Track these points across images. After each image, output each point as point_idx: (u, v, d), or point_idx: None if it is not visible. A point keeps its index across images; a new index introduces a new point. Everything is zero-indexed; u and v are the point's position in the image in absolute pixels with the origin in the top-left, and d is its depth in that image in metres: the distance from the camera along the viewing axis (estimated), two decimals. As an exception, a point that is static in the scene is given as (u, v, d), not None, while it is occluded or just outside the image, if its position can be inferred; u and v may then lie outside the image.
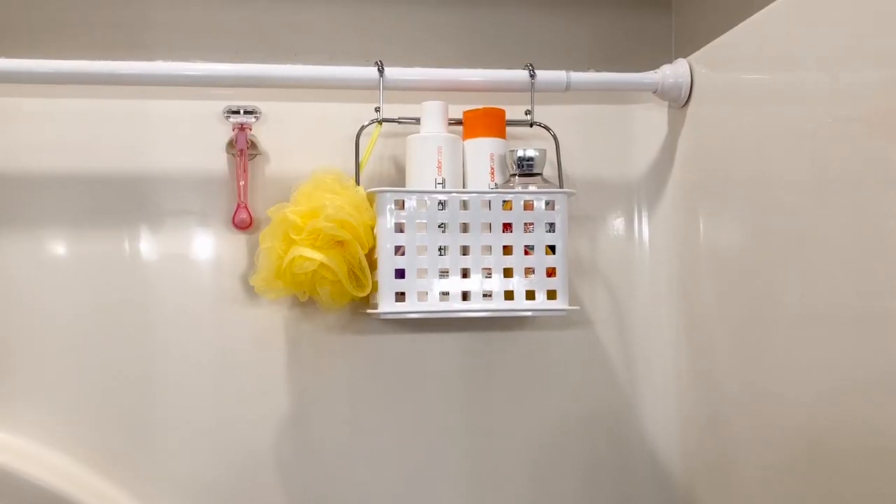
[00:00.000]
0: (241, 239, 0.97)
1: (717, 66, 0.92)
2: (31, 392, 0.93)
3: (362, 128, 0.94)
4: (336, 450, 0.98)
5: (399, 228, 0.88)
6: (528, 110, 0.96)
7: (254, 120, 0.97)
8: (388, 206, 0.88)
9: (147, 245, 0.96)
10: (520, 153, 0.91)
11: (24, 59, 0.88)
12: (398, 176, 1.00)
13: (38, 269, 0.94)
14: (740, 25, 0.87)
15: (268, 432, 0.97)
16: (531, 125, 0.96)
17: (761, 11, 0.83)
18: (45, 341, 0.94)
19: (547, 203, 0.89)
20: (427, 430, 1.00)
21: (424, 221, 0.88)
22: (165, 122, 0.97)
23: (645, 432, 1.04)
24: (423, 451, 1.00)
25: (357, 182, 0.92)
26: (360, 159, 0.94)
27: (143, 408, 0.95)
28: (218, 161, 0.97)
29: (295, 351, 0.98)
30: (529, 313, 0.94)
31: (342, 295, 0.90)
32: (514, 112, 0.96)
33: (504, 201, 0.89)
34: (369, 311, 0.91)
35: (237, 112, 0.96)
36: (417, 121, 0.95)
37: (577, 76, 0.96)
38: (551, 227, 0.90)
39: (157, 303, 0.96)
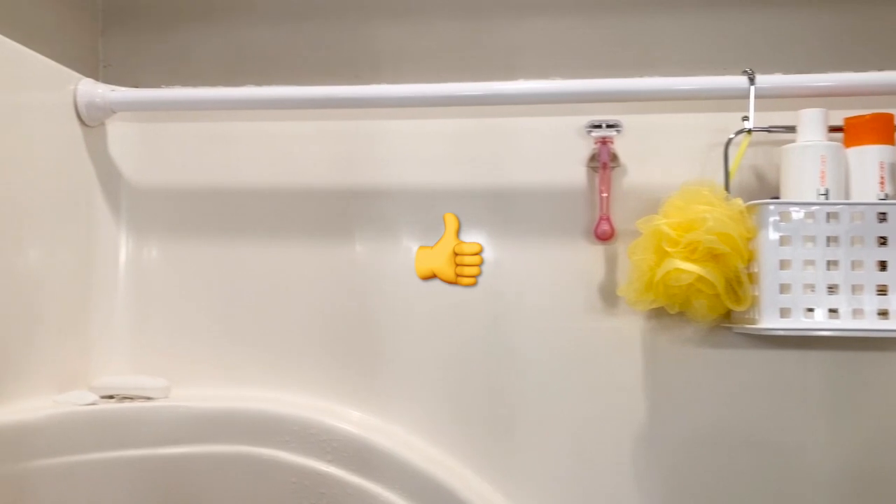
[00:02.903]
0: (598, 250, 0.99)
1: None
2: (411, 393, 1.01)
3: (730, 138, 0.93)
4: (691, 463, 0.97)
5: (783, 242, 0.85)
6: (914, 114, 0.89)
7: (615, 133, 0.98)
8: (773, 219, 0.85)
9: (510, 254, 1.01)
10: (918, 161, 0.85)
11: (411, 85, 0.96)
12: (759, 186, 0.97)
13: (411, 282, 1.02)
14: None
15: (621, 438, 0.98)
16: (918, 130, 0.89)
17: None
18: (414, 345, 1.01)
19: (955, 215, 0.83)
20: (785, 449, 0.96)
21: (812, 234, 0.85)
22: (528, 138, 1.01)
23: None
24: (779, 471, 0.96)
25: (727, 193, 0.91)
26: (728, 169, 0.92)
27: (505, 408, 1.00)
28: (577, 174, 1.00)
29: (651, 361, 0.98)
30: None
31: (717, 308, 0.89)
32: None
33: (903, 213, 0.83)
34: (747, 326, 0.89)
35: (599, 126, 0.98)
36: (788, 129, 0.92)
37: (975, 75, 0.88)
38: (957, 241, 0.83)
39: (519, 310, 1.00)
